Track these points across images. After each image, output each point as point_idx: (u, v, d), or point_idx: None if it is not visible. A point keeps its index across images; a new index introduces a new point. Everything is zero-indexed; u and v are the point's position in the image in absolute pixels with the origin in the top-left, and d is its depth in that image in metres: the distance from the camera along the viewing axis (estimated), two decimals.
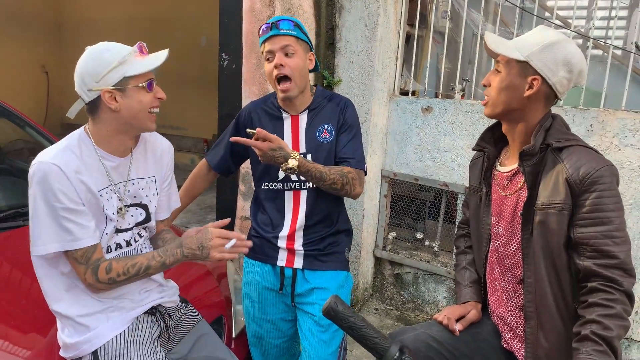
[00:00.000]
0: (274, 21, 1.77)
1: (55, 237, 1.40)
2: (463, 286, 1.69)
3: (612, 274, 1.30)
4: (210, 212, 5.50)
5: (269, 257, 1.91)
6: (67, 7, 8.80)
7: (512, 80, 1.43)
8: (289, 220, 1.87)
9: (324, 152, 1.83)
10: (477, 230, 1.64)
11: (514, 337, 1.52)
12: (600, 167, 1.33)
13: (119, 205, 1.54)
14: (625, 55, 3.37)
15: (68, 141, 1.47)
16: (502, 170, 1.54)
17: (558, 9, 3.18)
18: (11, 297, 1.77)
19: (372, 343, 1.04)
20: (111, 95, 1.43)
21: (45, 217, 1.39)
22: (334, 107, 1.87)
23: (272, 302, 1.94)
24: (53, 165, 1.37)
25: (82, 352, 1.50)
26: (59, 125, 8.96)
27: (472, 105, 3.11)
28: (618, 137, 2.69)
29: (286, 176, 1.84)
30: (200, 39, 7.29)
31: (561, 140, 1.42)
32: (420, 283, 3.44)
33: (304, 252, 1.87)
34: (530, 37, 1.44)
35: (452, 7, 3.48)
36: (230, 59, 3.23)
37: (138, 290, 1.61)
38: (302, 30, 1.80)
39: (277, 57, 1.75)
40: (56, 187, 1.37)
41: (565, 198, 1.36)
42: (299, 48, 1.77)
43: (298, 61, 1.75)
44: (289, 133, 1.86)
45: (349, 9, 3.27)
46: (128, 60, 1.43)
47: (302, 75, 1.78)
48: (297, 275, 1.88)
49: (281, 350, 2.02)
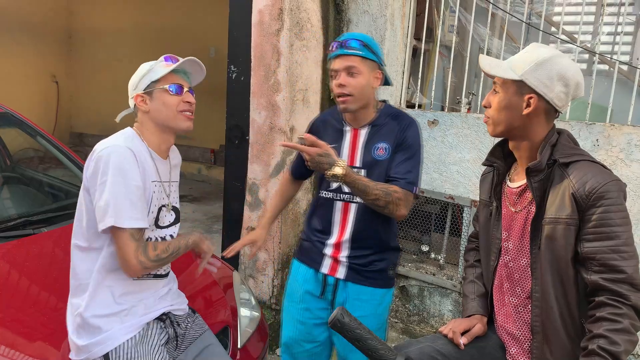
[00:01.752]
0: (343, 40, 1.83)
1: (124, 213, 1.48)
2: (470, 299, 1.69)
3: (619, 288, 1.29)
4: (216, 221, 5.52)
5: (314, 262, 1.97)
6: (78, 17, 8.90)
7: (510, 99, 1.44)
8: (337, 230, 1.93)
9: (379, 169, 1.85)
10: (486, 244, 1.65)
11: (521, 351, 1.52)
12: (607, 182, 1.34)
13: (165, 203, 1.67)
14: (631, 71, 3.38)
15: (126, 134, 1.61)
16: (512, 185, 1.55)
17: (564, 24, 3.20)
18: (22, 306, 1.79)
19: (377, 355, 1.05)
20: (142, 99, 1.61)
21: (118, 192, 1.48)
22: (395, 125, 1.89)
23: (310, 306, 1.99)
24: (127, 149, 1.52)
25: (94, 354, 1.52)
26: (68, 134, 9.03)
27: (478, 118, 3.12)
28: (624, 152, 2.70)
29: (339, 187, 1.90)
30: (209, 50, 7.36)
31: (568, 155, 1.42)
32: (425, 296, 3.44)
33: (348, 263, 1.91)
34: (524, 56, 1.45)
35: (458, 21, 3.51)
36: (238, 71, 3.27)
37: (153, 297, 1.65)
38: (371, 49, 1.83)
39: (341, 76, 1.81)
40: (130, 167, 1.51)
41: (572, 213, 1.36)
42: (364, 68, 1.81)
43: (360, 80, 1.81)
44: (348, 146, 1.91)
45: (357, 22, 3.30)
46: (154, 68, 1.61)
47: (363, 93, 1.83)
48: (338, 285, 1.93)
49: (312, 356, 2.04)
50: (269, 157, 3.17)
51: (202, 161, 7.75)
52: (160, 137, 1.65)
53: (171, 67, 1.61)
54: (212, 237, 5.04)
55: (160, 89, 1.59)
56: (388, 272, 1.96)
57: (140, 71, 1.63)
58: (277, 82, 3.07)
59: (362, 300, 1.91)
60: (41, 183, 2.93)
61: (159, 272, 1.68)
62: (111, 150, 1.51)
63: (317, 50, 3.26)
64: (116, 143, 1.54)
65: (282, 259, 3.22)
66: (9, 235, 2.09)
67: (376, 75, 1.86)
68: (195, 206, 6.12)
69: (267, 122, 3.13)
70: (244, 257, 3.33)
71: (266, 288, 3.26)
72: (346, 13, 3.36)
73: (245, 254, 3.32)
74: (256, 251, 2.11)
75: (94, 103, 8.52)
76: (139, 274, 1.56)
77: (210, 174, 7.66)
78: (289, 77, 3.06)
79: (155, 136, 1.64)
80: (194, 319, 1.79)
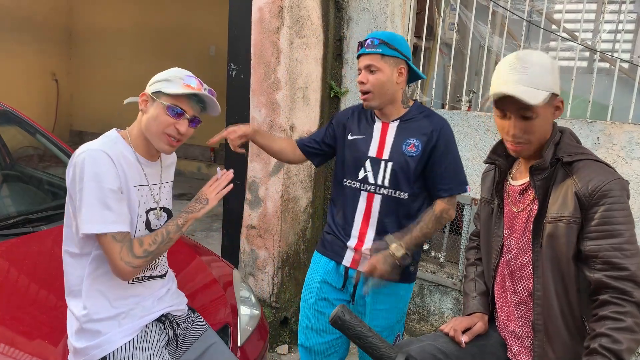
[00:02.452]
0: (365, 40, 1.88)
1: (99, 218, 1.45)
2: (471, 297, 1.68)
3: (623, 285, 1.29)
4: (216, 220, 5.51)
5: (336, 255, 2.01)
6: (78, 15, 8.90)
7: (546, 117, 1.41)
8: (360, 221, 1.96)
9: (407, 165, 1.89)
10: (487, 242, 1.65)
11: (523, 349, 1.52)
12: (610, 180, 1.34)
13: (155, 206, 1.64)
14: (632, 68, 3.37)
15: (109, 137, 1.58)
16: (514, 183, 1.55)
17: (565, 22, 3.19)
18: (22, 304, 1.79)
19: (378, 353, 1.04)
20: (145, 100, 1.58)
21: (92, 198, 1.45)
22: (428, 124, 1.92)
23: (329, 297, 2.02)
24: (102, 152, 1.49)
25: (92, 357, 1.51)
26: (68, 132, 9.03)
27: (478, 116, 3.11)
28: (625, 149, 2.69)
29: (365, 177, 1.94)
30: (209, 48, 7.36)
31: (571, 154, 1.42)
32: (425, 294, 3.43)
33: (370, 257, 1.92)
34: (539, 69, 1.38)
35: (459, 19, 3.50)
36: (238, 69, 3.26)
37: (151, 298, 1.63)
38: (391, 45, 1.86)
39: (362, 74, 1.88)
40: (105, 170, 1.47)
41: (574, 211, 1.36)
42: (384, 65, 1.86)
43: (380, 77, 1.86)
44: (377, 138, 1.96)
45: (357, 20, 3.29)
46: (173, 81, 1.55)
47: (384, 89, 1.87)
48: (360, 277, 1.95)
49: (330, 348, 2.07)
50: (268, 155, 3.16)
51: (202, 159, 7.76)
52: (147, 141, 1.60)
53: (177, 91, 1.54)
54: (212, 235, 5.06)
55: (161, 103, 1.54)
56: (409, 267, 1.97)
57: (164, 74, 1.58)
58: (277, 80, 3.06)
59: (384, 294, 1.95)
60: (41, 181, 2.93)
61: (154, 273, 1.66)
62: (85, 156, 1.47)
63: (317, 48, 3.25)
64: (92, 147, 1.50)
65: (282, 257, 3.21)
66: (8, 233, 2.09)
67: (399, 70, 1.89)
68: None
69: (267, 120, 3.12)
70: (243, 254, 3.33)
71: (266, 286, 3.26)
72: (346, 11, 3.35)
73: (245, 252, 3.32)
74: (236, 137, 2.01)
75: (94, 101, 8.53)
76: (130, 275, 1.51)
77: (210, 172, 7.66)
78: (289, 75, 3.05)
79: (143, 139, 1.60)
80: (194, 318, 1.78)
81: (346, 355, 2.12)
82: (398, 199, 1.91)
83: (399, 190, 1.90)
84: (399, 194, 1.90)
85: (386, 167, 1.91)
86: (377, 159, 1.93)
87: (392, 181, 1.90)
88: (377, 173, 1.92)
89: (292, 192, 3.22)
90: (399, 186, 1.90)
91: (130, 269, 1.49)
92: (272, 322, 3.18)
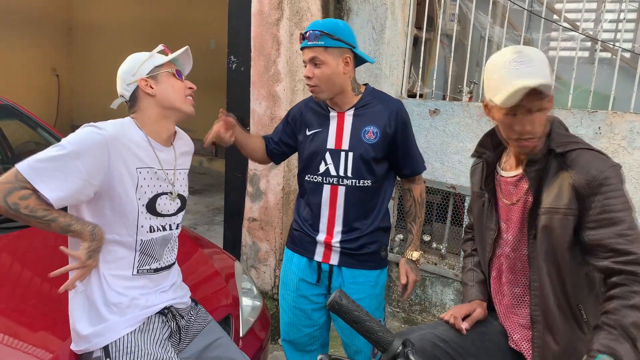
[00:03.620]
0: (305, 32, 1.85)
1: (38, 166, 1.41)
2: (469, 286, 1.70)
3: (631, 268, 1.30)
4: (218, 214, 5.53)
5: (307, 251, 2.01)
6: (78, 10, 8.89)
7: (548, 110, 1.40)
8: (326, 214, 1.95)
9: (368, 153, 1.89)
10: (481, 236, 1.65)
11: (523, 337, 1.53)
12: (605, 169, 1.34)
13: (169, 190, 1.65)
14: (633, 58, 3.36)
15: (122, 120, 1.59)
16: (506, 175, 1.54)
17: (566, 11, 3.17)
18: (25, 296, 1.80)
19: (375, 337, 1.05)
20: (146, 83, 1.60)
21: (54, 157, 1.42)
22: (383, 109, 1.92)
23: (306, 293, 2.04)
24: (101, 134, 1.47)
25: (93, 345, 1.52)
26: (69, 126, 9.03)
27: (479, 107, 3.11)
28: (626, 139, 2.68)
29: (326, 170, 1.93)
30: (209, 42, 7.34)
31: (564, 144, 1.41)
32: (427, 285, 3.44)
33: (340, 249, 1.95)
34: (540, 63, 1.35)
35: (459, 9, 3.49)
36: (238, 62, 3.25)
37: (154, 290, 1.64)
38: (333, 36, 1.83)
39: (307, 68, 1.86)
40: (88, 149, 1.45)
41: (569, 203, 1.36)
42: (328, 56, 1.83)
43: (325, 70, 1.83)
44: (334, 130, 1.94)
45: (357, 11, 3.28)
46: (155, 55, 1.64)
47: (331, 81, 1.85)
48: (333, 271, 1.98)
49: (311, 339, 2.10)
50: None
51: (204, 153, 7.76)
52: (160, 125, 1.63)
53: (172, 56, 1.65)
54: (214, 228, 5.08)
55: (166, 72, 1.62)
56: (380, 254, 2.00)
57: (136, 59, 1.63)
58: (277, 72, 3.06)
59: (358, 283, 1.96)
60: None
61: (160, 264, 1.66)
62: (87, 130, 1.48)
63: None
64: (98, 125, 1.50)
65: (283, 249, 3.22)
66: (10, 227, 2.10)
67: (345, 60, 1.86)
68: (197, 198, 6.13)
69: (267, 113, 3.12)
70: (245, 247, 3.34)
71: (268, 278, 3.27)
72: (346, 2, 3.34)
73: (246, 245, 3.33)
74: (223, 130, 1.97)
75: (94, 96, 8.50)
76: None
77: (212, 166, 7.66)
78: (289, 67, 3.05)
79: (156, 124, 1.62)
80: (197, 310, 1.78)
81: (328, 340, 2.17)
82: (362, 188, 1.91)
83: (362, 178, 1.90)
84: (362, 182, 1.91)
85: (347, 157, 1.90)
86: (337, 150, 1.91)
87: (354, 171, 1.90)
88: (338, 164, 1.91)
89: (293, 184, 3.22)
90: (362, 175, 1.90)
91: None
92: (275, 313, 3.19)
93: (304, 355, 2.13)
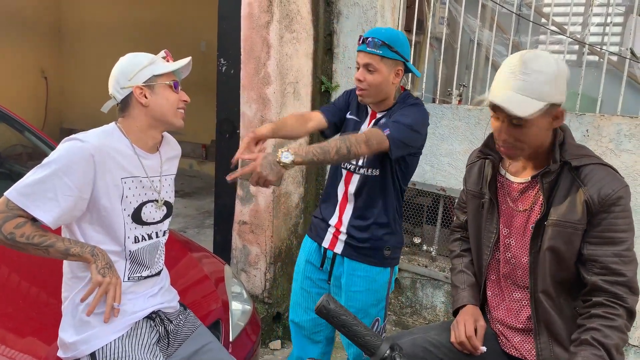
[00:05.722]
0: (366, 37, 1.88)
1: (28, 191, 1.41)
2: (460, 289, 1.67)
3: (618, 290, 1.33)
4: (208, 217, 5.50)
5: (318, 237, 2.11)
6: (67, 11, 8.81)
7: (541, 126, 1.36)
8: (340, 198, 2.04)
9: None
10: (477, 237, 1.62)
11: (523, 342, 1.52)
12: (619, 188, 1.34)
13: (155, 198, 1.62)
14: (620, 61, 3.39)
15: (105, 129, 1.56)
16: (513, 180, 1.51)
17: (554, 15, 3.20)
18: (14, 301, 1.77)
19: (363, 341, 1.05)
20: (141, 92, 1.54)
21: (42, 179, 1.41)
22: (398, 107, 1.96)
23: (312, 276, 2.12)
24: (84, 148, 1.44)
25: (80, 353, 1.50)
26: (58, 130, 8.95)
27: (469, 110, 3.12)
28: (614, 142, 2.71)
29: None
30: (199, 44, 7.31)
31: (578, 157, 1.39)
32: (418, 288, 3.45)
33: (345, 239, 2.02)
34: (539, 77, 1.31)
35: (449, 13, 3.51)
36: (228, 64, 3.24)
37: (143, 296, 1.62)
38: (392, 47, 1.86)
39: (360, 71, 1.91)
40: (75, 165, 1.42)
41: (581, 218, 1.36)
42: (383, 66, 1.88)
43: (377, 77, 1.89)
44: (366, 124, 2.03)
45: (347, 15, 3.29)
46: (156, 62, 1.58)
47: (380, 89, 1.91)
48: (336, 259, 2.05)
49: (317, 326, 2.14)
50: None
51: (194, 156, 7.72)
52: (147, 134, 1.60)
53: (174, 67, 1.59)
54: (204, 232, 5.05)
55: (163, 84, 1.56)
56: (384, 252, 2.01)
57: (135, 61, 1.56)
58: (268, 75, 3.06)
59: (357, 276, 2.01)
60: None
61: (150, 272, 1.64)
62: (70, 144, 1.46)
63: (307, 43, 3.24)
64: (80, 138, 1.47)
65: (274, 253, 3.21)
66: None
67: (396, 71, 1.92)
68: (187, 201, 6.09)
69: (257, 116, 3.12)
70: (235, 250, 3.33)
71: (258, 282, 3.26)
72: (336, 5, 3.35)
73: (237, 248, 3.32)
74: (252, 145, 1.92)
75: (84, 98, 8.44)
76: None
77: (202, 169, 7.63)
78: (280, 69, 3.04)
79: (143, 132, 1.59)
80: (186, 315, 1.77)
81: (333, 335, 2.19)
82: (371, 177, 1.97)
83: (371, 167, 1.96)
84: (371, 171, 1.96)
85: None
86: None
87: (367, 159, 1.96)
88: None
89: (283, 187, 3.21)
90: (372, 163, 1.96)
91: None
92: (265, 317, 3.18)
93: (309, 343, 2.18)
